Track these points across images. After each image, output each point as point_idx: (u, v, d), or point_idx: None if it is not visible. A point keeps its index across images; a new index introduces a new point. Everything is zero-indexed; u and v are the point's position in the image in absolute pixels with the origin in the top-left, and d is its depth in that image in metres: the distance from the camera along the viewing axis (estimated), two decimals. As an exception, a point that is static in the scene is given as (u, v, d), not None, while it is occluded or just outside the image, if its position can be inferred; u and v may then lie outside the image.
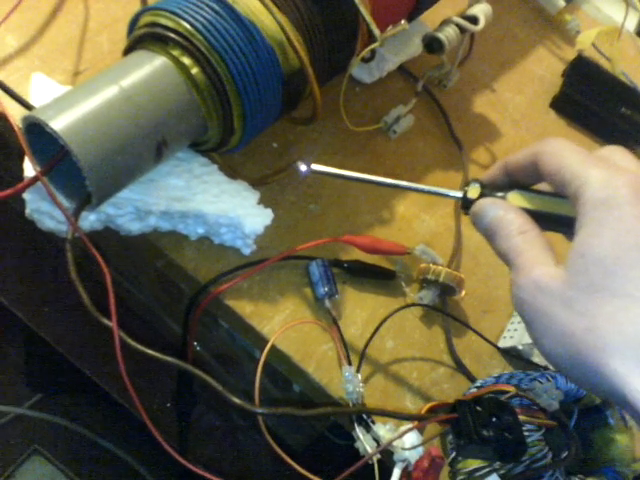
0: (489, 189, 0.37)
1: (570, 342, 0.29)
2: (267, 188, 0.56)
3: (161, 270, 0.53)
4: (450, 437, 0.49)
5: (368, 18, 0.54)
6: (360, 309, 0.55)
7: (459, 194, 0.37)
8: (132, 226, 0.50)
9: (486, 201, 0.36)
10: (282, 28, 0.48)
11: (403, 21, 0.60)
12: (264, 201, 0.53)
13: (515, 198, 0.36)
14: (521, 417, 0.43)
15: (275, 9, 0.48)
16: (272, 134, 0.59)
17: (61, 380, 0.95)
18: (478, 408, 0.40)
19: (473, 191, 0.37)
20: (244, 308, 0.51)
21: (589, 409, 0.50)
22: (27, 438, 0.93)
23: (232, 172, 0.54)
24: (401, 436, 0.43)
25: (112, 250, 0.56)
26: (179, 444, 0.58)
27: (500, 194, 0.36)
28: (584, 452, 0.50)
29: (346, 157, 0.64)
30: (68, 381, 0.94)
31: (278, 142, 0.60)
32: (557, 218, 0.35)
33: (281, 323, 0.51)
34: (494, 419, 0.40)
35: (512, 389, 0.46)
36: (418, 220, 0.63)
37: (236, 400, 0.37)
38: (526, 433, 0.44)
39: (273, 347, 0.50)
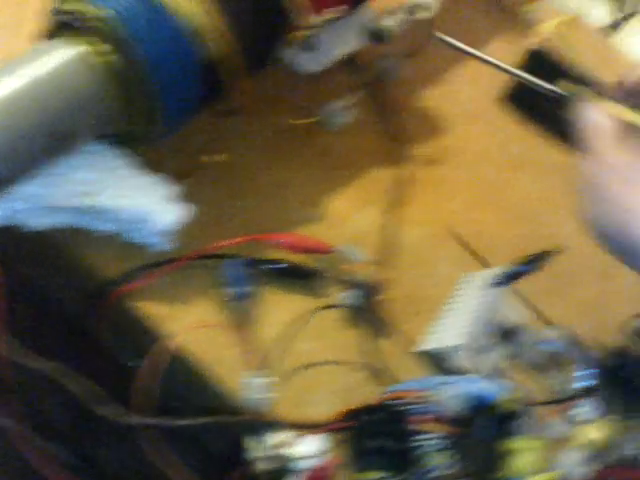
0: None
1: (618, 211, 0.36)
2: (188, 183, 0.54)
3: (70, 268, 0.51)
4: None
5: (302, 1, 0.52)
6: (279, 311, 0.53)
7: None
8: (38, 222, 0.48)
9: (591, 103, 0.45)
10: (202, 11, 0.46)
11: (343, 7, 0.58)
12: (185, 196, 0.51)
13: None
14: (422, 425, 0.42)
15: (193, -10, 0.45)
16: (198, 127, 0.57)
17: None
18: (366, 417, 0.38)
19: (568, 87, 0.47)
20: (149, 309, 0.49)
21: (500, 417, 0.49)
22: None
23: (150, 166, 0.53)
24: (294, 445, 0.42)
25: (24, 250, 0.54)
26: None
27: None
28: (490, 462, 0.48)
29: (284, 152, 0.62)
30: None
31: (205, 135, 0.58)
32: None
33: (190, 326, 0.50)
34: (384, 428, 0.39)
35: (414, 395, 0.44)
36: (350, 218, 0.61)
37: (101, 410, 0.36)
38: (430, 442, 0.43)
39: (178, 351, 0.48)
